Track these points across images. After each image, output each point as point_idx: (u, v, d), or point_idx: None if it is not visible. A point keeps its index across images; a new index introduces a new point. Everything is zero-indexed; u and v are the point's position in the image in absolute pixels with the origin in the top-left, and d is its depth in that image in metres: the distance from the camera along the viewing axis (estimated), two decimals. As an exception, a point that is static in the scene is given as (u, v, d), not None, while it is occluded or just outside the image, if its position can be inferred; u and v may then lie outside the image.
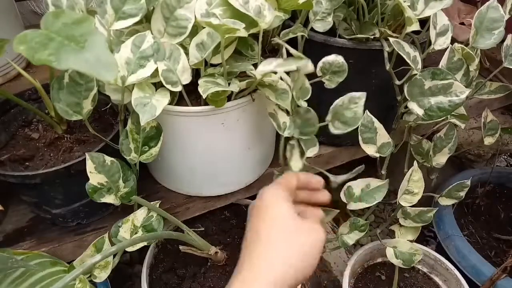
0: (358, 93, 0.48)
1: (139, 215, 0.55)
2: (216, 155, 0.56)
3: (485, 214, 0.99)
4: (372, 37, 0.54)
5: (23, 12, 0.98)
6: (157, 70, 0.46)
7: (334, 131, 0.50)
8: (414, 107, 0.52)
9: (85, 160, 0.48)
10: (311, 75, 0.49)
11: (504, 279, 0.77)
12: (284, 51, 0.45)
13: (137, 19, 0.44)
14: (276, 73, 0.47)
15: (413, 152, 0.68)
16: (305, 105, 0.50)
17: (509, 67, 0.59)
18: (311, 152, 0.54)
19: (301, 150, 0.53)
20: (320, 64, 0.48)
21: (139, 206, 0.55)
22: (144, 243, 0.54)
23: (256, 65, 0.50)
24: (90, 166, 0.48)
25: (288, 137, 0.52)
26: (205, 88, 0.44)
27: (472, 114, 0.82)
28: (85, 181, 0.49)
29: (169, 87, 0.47)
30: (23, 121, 0.59)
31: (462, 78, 0.57)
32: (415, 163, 0.62)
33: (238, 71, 0.50)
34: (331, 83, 0.50)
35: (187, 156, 0.56)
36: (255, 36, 0.50)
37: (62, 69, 0.32)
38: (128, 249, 0.52)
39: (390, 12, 0.55)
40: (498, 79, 0.77)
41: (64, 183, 0.52)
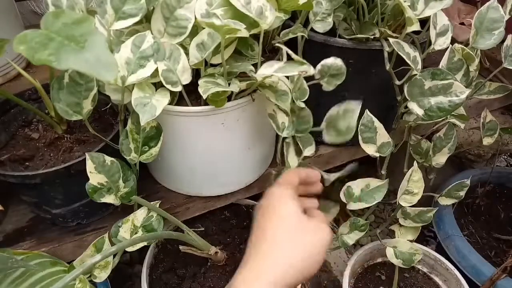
0: (353, 104, 0.49)
1: (139, 215, 0.55)
2: (216, 155, 0.56)
3: (485, 214, 0.99)
4: (372, 37, 0.54)
5: (23, 12, 0.98)
6: (157, 70, 0.46)
7: (328, 140, 0.50)
8: (414, 107, 0.52)
9: (85, 160, 0.48)
10: (308, 77, 0.49)
11: (504, 279, 0.77)
12: (284, 52, 0.45)
13: (137, 19, 0.44)
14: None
15: (412, 152, 0.68)
16: (303, 106, 0.50)
17: (509, 68, 0.59)
18: (308, 151, 0.54)
19: (296, 148, 0.54)
20: (319, 66, 0.48)
21: (139, 206, 0.55)
22: (144, 243, 0.54)
23: (256, 65, 0.50)
24: (90, 166, 0.48)
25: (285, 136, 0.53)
26: (205, 88, 0.44)
27: (472, 114, 0.82)
28: (85, 181, 0.49)
29: (169, 87, 0.47)
30: (23, 121, 0.59)
31: (462, 78, 0.57)
32: (415, 163, 0.62)
33: (238, 71, 0.50)
34: (329, 85, 0.50)
35: (187, 156, 0.56)
36: (255, 36, 0.50)
37: (62, 69, 0.32)
38: (128, 249, 0.52)
39: (390, 12, 0.55)
40: (498, 79, 0.77)
41: (64, 183, 0.52)
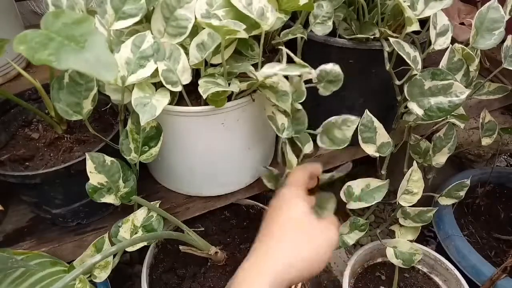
0: (352, 117, 0.50)
1: (139, 215, 0.55)
2: (216, 155, 0.56)
3: (485, 214, 0.99)
4: (372, 37, 0.54)
5: (23, 12, 0.98)
6: (157, 70, 0.46)
7: (320, 145, 0.51)
8: (414, 107, 0.52)
9: (85, 160, 0.48)
10: (306, 80, 0.50)
11: (504, 279, 0.76)
12: (285, 53, 0.45)
13: (137, 19, 0.44)
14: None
15: (410, 151, 0.68)
16: (300, 107, 0.50)
17: (509, 68, 0.59)
18: (308, 148, 0.54)
19: (293, 148, 0.54)
20: (317, 71, 0.49)
21: (139, 206, 0.55)
22: (144, 243, 0.54)
23: (256, 66, 0.50)
24: (90, 166, 0.48)
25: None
26: (205, 88, 0.44)
27: (472, 114, 0.82)
28: (85, 181, 0.49)
29: (169, 87, 0.47)
30: (23, 121, 0.59)
31: (462, 79, 0.57)
32: (415, 163, 0.62)
33: (238, 72, 0.50)
34: (325, 91, 0.50)
35: (187, 156, 0.56)
36: (255, 37, 0.50)
37: (62, 69, 0.32)
38: (128, 249, 0.52)
39: (390, 12, 0.55)
40: (498, 79, 0.77)
41: (64, 183, 0.52)
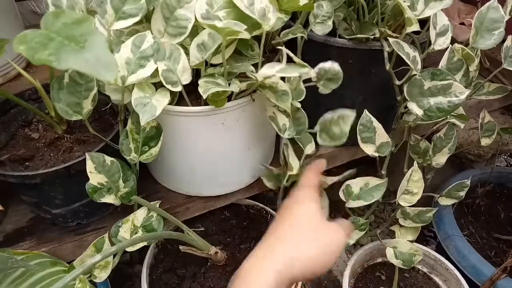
0: (348, 112, 0.50)
1: (139, 215, 0.55)
2: (216, 155, 0.56)
3: (485, 214, 0.99)
4: (372, 37, 0.54)
5: (23, 12, 0.98)
6: (157, 70, 0.46)
7: (320, 143, 0.51)
8: (414, 108, 0.52)
9: (85, 160, 0.48)
10: (306, 79, 0.50)
11: (504, 279, 0.77)
12: (285, 53, 0.45)
13: (137, 19, 0.44)
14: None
15: (410, 152, 0.68)
16: (299, 106, 0.50)
17: (509, 69, 0.59)
18: (309, 149, 0.54)
19: (295, 149, 0.54)
20: (316, 69, 0.49)
21: (139, 206, 0.55)
22: (144, 243, 0.54)
23: (256, 65, 0.50)
24: (90, 166, 0.48)
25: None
26: (205, 88, 0.44)
27: (472, 114, 0.82)
28: (85, 181, 0.49)
29: (169, 87, 0.47)
30: (23, 121, 0.59)
31: (462, 79, 0.57)
32: (415, 163, 0.62)
33: (238, 72, 0.50)
34: (325, 89, 0.50)
35: (187, 156, 0.56)
36: (256, 37, 0.50)
37: (62, 69, 0.32)
38: (128, 249, 0.52)
39: (390, 12, 0.55)
40: (498, 79, 0.77)
41: (64, 183, 0.52)
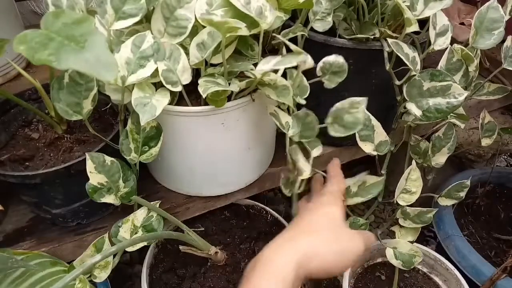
0: (359, 98, 0.48)
1: (139, 215, 0.55)
2: (216, 155, 0.56)
3: (485, 214, 0.99)
4: (372, 37, 0.54)
5: (23, 12, 0.98)
6: (157, 70, 0.46)
7: (334, 134, 0.50)
8: (413, 108, 0.52)
9: (85, 160, 0.48)
10: (310, 75, 0.49)
11: (504, 279, 0.76)
12: (284, 50, 0.45)
13: (137, 19, 0.44)
14: (277, 71, 0.47)
15: (410, 152, 0.68)
16: (303, 102, 0.50)
17: (509, 69, 0.59)
18: (317, 151, 0.54)
19: (304, 153, 0.54)
20: (321, 64, 0.48)
21: (139, 206, 0.55)
22: (144, 243, 0.54)
23: (256, 65, 0.50)
24: (90, 166, 0.48)
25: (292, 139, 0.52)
26: (205, 87, 0.44)
27: (472, 114, 0.82)
28: (85, 181, 0.49)
29: (169, 87, 0.47)
30: (23, 121, 0.59)
31: (461, 79, 0.57)
32: (414, 162, 0.62)
33: (238, 71, 0.50)
34: (330, 83, 0.50)
35: (187, 156, 0.56)
36: (255, 36, 0.50)
37: (62, 69, 0.32)
38: (128, 249, 0.52)
39: (390, 12, 0.55)
40: (498, 79, 0.77)
41: (64, 183, 0.52)
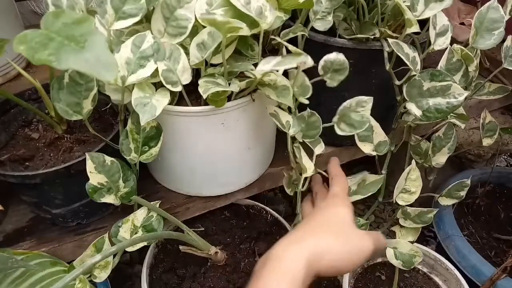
0: (365, 97, 0.49)
1: (139, 215, 0.55)
2: (216, 155, 0.56)
3: (485, 214, 0.99)
4: (372, 37, 0.54)
5: (23, 12, 0.98)
6: (157, 70, 0.46)
7: (340, 133, 0.50)
8: (412, 108, 0.52)
9: (85, 160, 0.48)
10: (311, 75, 0.49)
11: (504, 279, 0.76)
12: (284, 50, 0.45)
13: (137, 19, 0.44)
14: (278, 71, 0.47)
15: (411, 152, 0.68)
16: (306, 102, 0.50)
17: (509, 68, 0.59)
18: (319, 149, 0.54)
19: (307, 152, 0.54)
20: (322, 62, 0.48)
21: (139, 206, 0.55)
22: (144, 243, 0.54)
23: (256, 65, 0.50)
24: (90, 166, 0.48)
25: (294, 138, 0.52)
26: (205, 88, 0.44)
27: (472, 114, 0.82)
28: (85, 181, 0.49)
29: (169, 87, 0.47)
30: (23, 121, 0.59)
31: (461, 79, 0.57)
32: (413, 161, 0.62)
33: (238, 71, 0.50)
34: (332, 81, 0.49)
35: (187, 156, 0.56)
36: (255, 36, 0.50)
37: (62, 69, 0.32)
38: (128, 249, 0.52)
39: (390, 12, 0.55)
40: (498, 79, 0.77)
41: (64, 183, 0.52)
